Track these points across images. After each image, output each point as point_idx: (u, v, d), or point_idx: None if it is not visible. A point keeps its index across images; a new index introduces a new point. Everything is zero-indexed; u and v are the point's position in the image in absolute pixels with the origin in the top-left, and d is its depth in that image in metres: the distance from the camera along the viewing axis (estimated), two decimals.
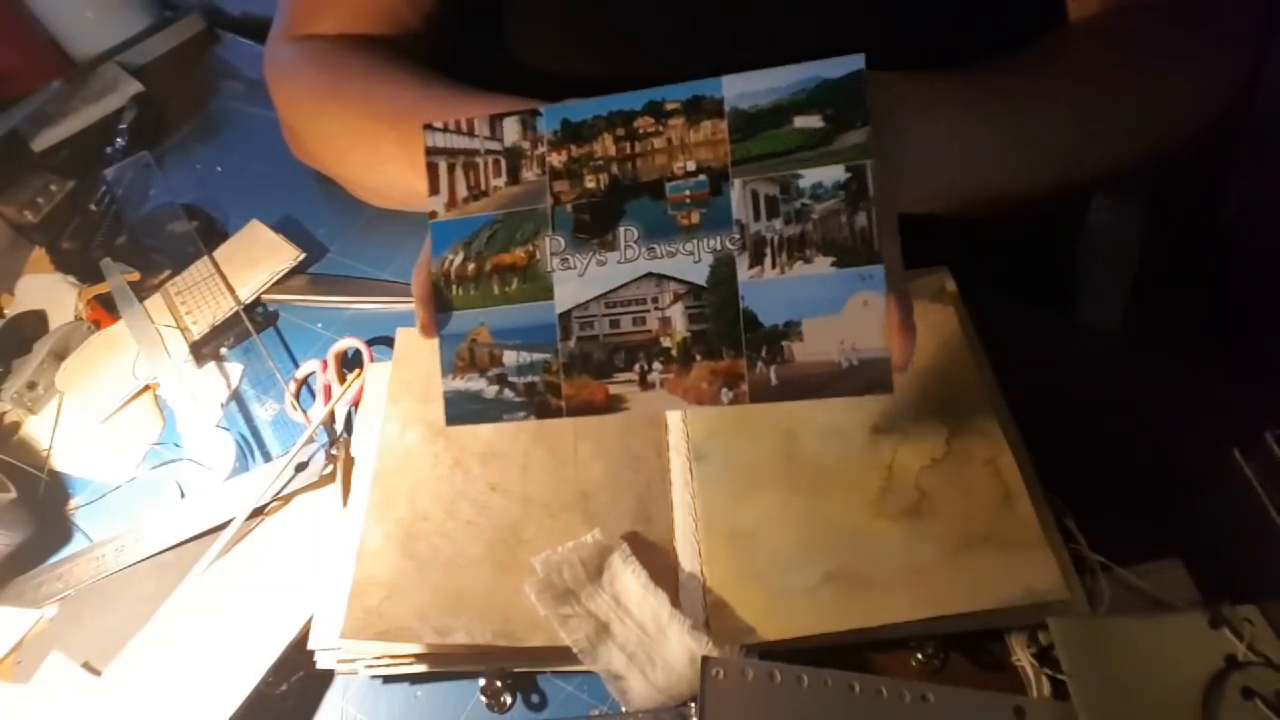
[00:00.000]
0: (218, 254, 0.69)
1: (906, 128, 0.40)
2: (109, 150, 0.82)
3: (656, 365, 0.40)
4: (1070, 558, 0.41)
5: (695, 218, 0.38)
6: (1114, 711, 0.37)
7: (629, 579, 0.44)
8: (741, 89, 0.36)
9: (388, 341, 0.60)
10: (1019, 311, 0.52)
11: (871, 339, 0.36)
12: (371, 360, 0.58)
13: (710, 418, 0.49)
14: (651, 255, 0.38)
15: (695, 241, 0.38)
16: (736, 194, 0.37)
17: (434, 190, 0.41)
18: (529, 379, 0.41)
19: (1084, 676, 0.38)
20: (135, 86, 0.87)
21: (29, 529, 0.56)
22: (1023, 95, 0.45)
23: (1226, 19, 0.49)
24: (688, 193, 0.38)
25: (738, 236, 0.37)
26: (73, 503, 0.58)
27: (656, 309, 0.39)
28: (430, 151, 0.40)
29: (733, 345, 0.38)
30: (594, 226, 0.39)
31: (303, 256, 0.67)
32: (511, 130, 0.39)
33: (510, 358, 0.41)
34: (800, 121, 0.36)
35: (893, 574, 0.41)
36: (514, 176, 0.40)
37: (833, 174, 0.36)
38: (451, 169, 0.41)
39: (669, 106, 0.37)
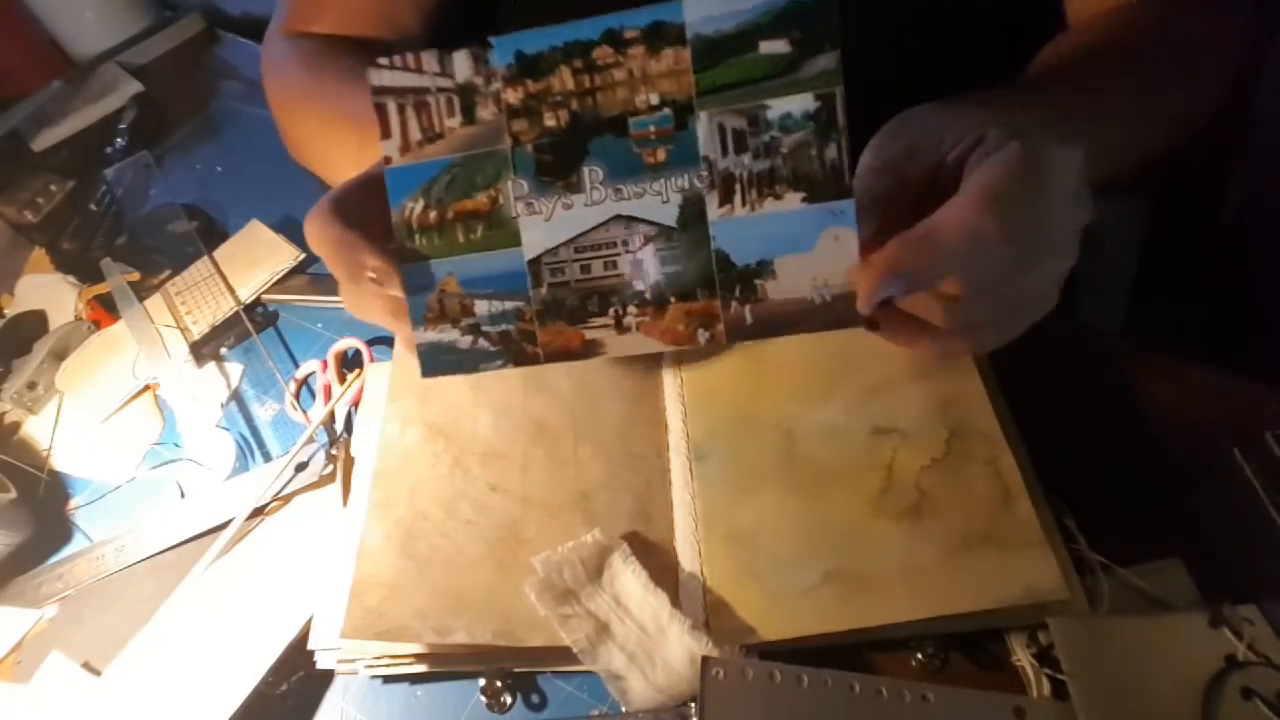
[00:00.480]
0: (218, 254, 0.69)
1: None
2: (109, 150, 0.82)
3: (631, 309, 0.39)
4: (1070, 558, 0.41)
5: (661, 155, 0.37)
6: (1114, 711, 0.37)
7: (629, 579, 0.44)
8: (704, 12, 0.35)
9: (388, 341, 0.60)
10: None
11: (842, 274, 0.36)
12: (371, 360, 0.58)
13: (710, 417, 0.49)
14: (619, 196, 0.38)
15: (663, 180, 0.37)
16: (703, 127, 0.36)
17: (385, 134, 0.39)
18: (503, 328, 0.40)
19: (1084, 676, 0.38)
20: (135, 86, 0.87)
21: (29, 529, 0.56)
22: (1086, 103, 0.45)
23: None
24: (652, 128, 0.37)
25: (705, 174, 0.37)
26: (73, 503, 0.58)
27: (627, 252, 0.38)
28: (377, 91, 0.39)
29: (707, 286, 0.38)
30: (556, 167, 0.38)
31: (303, 256, 0.67)
32: (463, 65, 0.38)
33: (482, 307, 0.40)
34: (766, 47, 0.35)
35: (893, 574, 0.41)
36: (469, 116, 0.38)
37: (801, 104, 0.35)
38: (402, 110, 0.39)
39: (628, 35, 0.36)
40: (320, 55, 0.57)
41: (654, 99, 0.36)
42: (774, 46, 0.35)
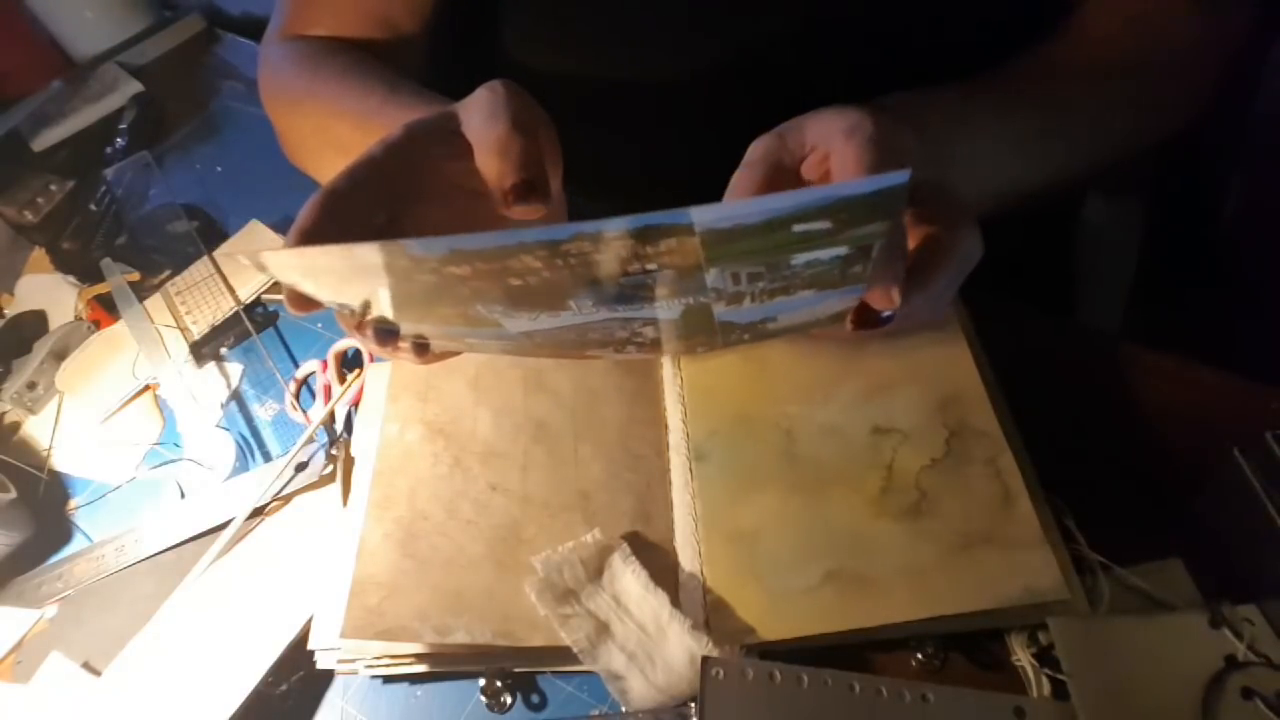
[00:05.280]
0: (218, 254, 0.69)
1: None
2: (109, 150, 0.82)
3: (630, 348, 0.39)
4: (1070, 558, 0.41)
5: (663, 293, 0.31)
6: (1114, 711, 0.37)
7: (629, 579, 0.44)
8: (720, 214, 0.25)
9: None
10: (1019, 311, 0.53)
11: (836, 309, 0.36)
12: (371, 360, 0.58)
13: (710, 417, 0.49)
14: (613, 311, 0.33)
15: (663, 302, 0.32)
16: (712, 277, 0.30)
17: (301, 285, 0.33)
18: (499, 346, 0.39)
19: (1084, 676, 0.38)
20: (135, 86, 0.87)
21: (29, 529, 0.56)
22: (1034, 114, 0.47)
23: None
24: (649, 283, 0.30)
25: (713, 295, 0.32)
26: (73, 503, 0.58)
27: (625, 329, 0.36)
28: (270, 271, 0.32)
29: (707, 336, 0.37)
30: (533, 307, 0.32)
31: None
32: (375, 255, 0.29)
33: (474, 341, 0.39)
34: (802, 228, 0.27)
35: (893, 574, 0.41)
36: (403, 281, 0.31)
37: (832, 252, 0.29)
38: (314, 277, 0.32)
39: (610, 235, 0.26)
40: (316, 56, 0.57)
41: (650, 267, 0.29)
42: (813, 227, 0.26)
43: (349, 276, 0.32)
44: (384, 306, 0.35)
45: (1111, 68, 0.48)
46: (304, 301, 0.36)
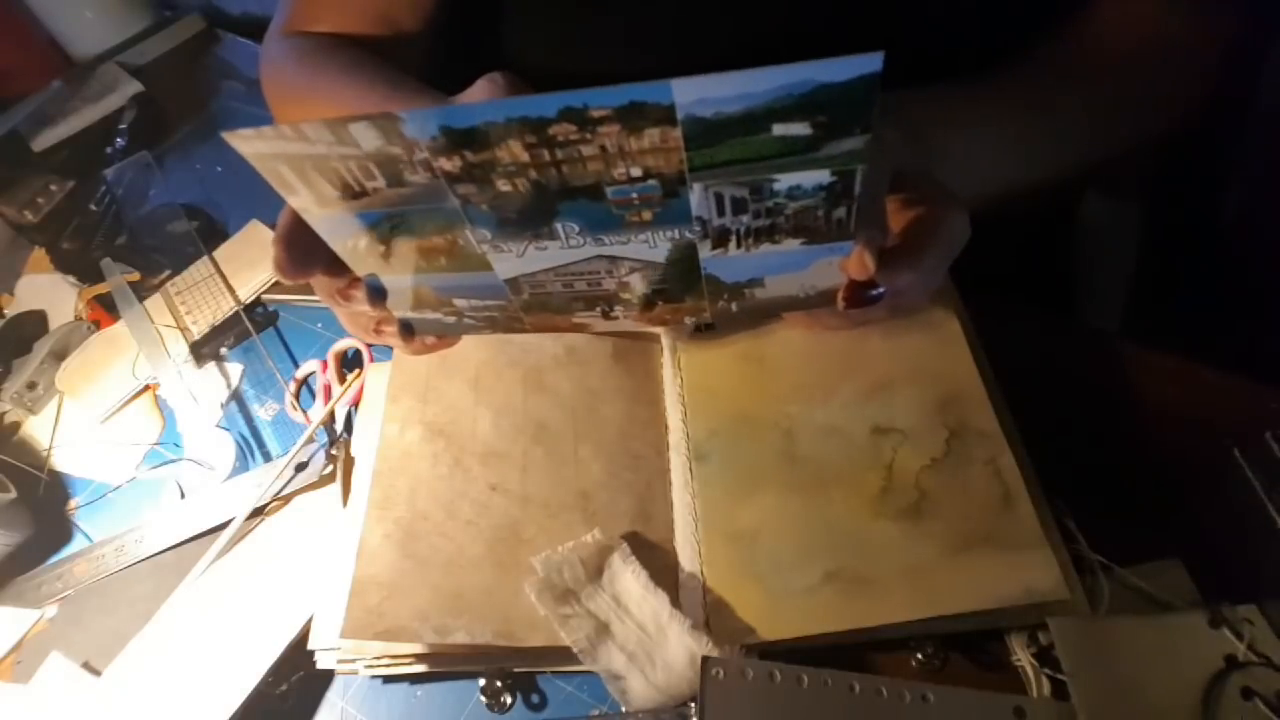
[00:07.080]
0: (218, 254, 0.69)
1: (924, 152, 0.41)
2: (109, 150, 0.82)
3: (618, 309, 0.39)
4: (1070, 558, 0.41)
5: (647, 216, 0.32)
6: (1114, 711, 0.37)
7: (629, 579, 0.44)
8: (699, 94, 0.26)
9: None
10: (1019, 311, 0.53)
11: (831, 279, 0.36)
12: (371, 360, 0.58)
13: (710, 417, 0.49)
14: (600, 244, 0.34)
15: (649, 232, 0.33)
16: (696, 197, 0.31)
17: (289, 191, 0.33)
18: (487, 314, 0.39)
19: (1084, 676, 0.38)
20: (135, 86, 0.87)
21: (29, 529, 0.56)
22: (1028, 113, 0.47)
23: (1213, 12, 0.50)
24: (635, 196, 0.31)
25: (698, 229, 0.33)
26: (73, 503, 0.58)
27: (612, 277, 0.36)
28: (255, 159, 0.31)
29: (695, 296, 0.37)
30: (522, 225, 0.33)
31: None
32: (366, 136, 0.29)
33: (462, 303, 0.39)
34: (781, 129, 0.28)
35: (893, 574, 0.41)
36: (395, 181, 0.31)
37: (814, 177, 0.30)
38: (301, 172, 0.32)
39: (595, 114, 0.27)
40: (319, 53, 0.57)
41: (635, 172, 0.30)
42: (791, 129, 0.28)
43: (339, 185, 0.32)
44: (376, 240, 0.35)
45: (1103, 68, 0.48)
46: (295, 256, 0.36)
